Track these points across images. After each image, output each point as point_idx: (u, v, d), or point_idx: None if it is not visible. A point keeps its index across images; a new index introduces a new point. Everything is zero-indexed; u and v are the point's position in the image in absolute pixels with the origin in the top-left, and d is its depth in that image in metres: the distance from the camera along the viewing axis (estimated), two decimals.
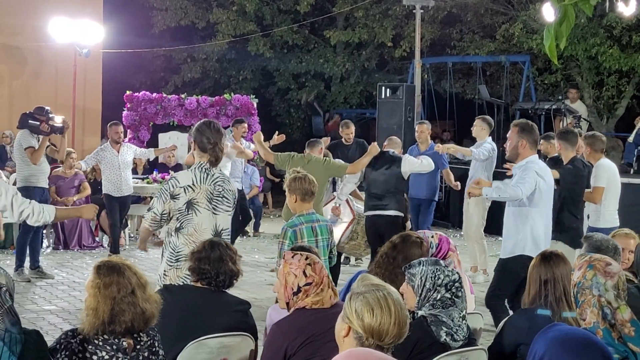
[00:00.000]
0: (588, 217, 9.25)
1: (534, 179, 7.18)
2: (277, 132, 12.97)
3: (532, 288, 4.92)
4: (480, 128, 11.88)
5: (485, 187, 7.41)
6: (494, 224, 12.28)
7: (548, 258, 4.94)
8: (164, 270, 6.11)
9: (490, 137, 11.95)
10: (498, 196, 7.33)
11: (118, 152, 12.50)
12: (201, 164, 6.18)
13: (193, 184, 6.05)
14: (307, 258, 4.72)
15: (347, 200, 10.40)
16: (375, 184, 9.92)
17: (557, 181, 8.48)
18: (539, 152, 8.14)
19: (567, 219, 8.69)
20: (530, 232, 7.28)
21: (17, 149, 10.86)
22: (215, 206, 6.13)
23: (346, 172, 9.59)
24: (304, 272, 4.64)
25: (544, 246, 7.17)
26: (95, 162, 12.86)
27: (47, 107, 10.89)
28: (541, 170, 7.30)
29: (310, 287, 4.63)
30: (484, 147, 11.67)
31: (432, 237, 5.92)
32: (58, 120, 11.04)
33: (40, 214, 5.97)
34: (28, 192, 9.86)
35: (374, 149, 9.84)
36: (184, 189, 6.03)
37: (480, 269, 11.82)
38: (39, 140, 10.73)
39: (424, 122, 12.77)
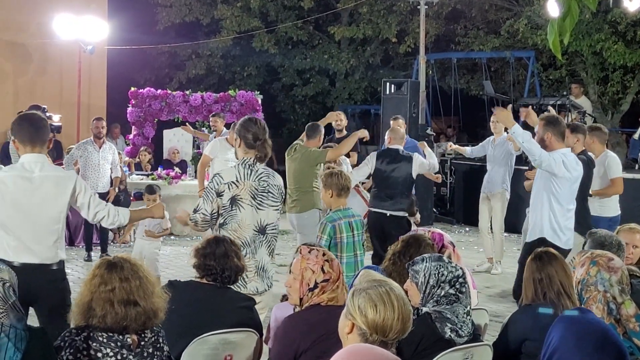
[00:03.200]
0: None
1: (559, 161, 7.32)
2: None
3: (528, 288, 4.92)
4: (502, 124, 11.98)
5: (517, 125, 7.45)
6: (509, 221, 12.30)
7: (539, 257, 4.93)
8: None
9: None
10: (522, 141, 7.36)
11: (100, 147, 12.21)
12: (245, 160, 6.12)
13: (237, 180, 6.00)
14: (324, 254, 4.73)
15: (357, 189, 10.37)
16: (385, 183, 9.87)
17: None
18: None
19: (584, 210, 8.72)
20: (549, 217, 7.47)
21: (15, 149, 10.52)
22: (260, 202, 6.07)
23: (327, 158, 9.51)
24: (322, 269, 4.64)
25: (563, 235, 7.46)
26: (74, 159, 12.39)
27: (43, 106, 10.57)
28: (569, 163, 7.42)
29: (327, 283, 4.63)
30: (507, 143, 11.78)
31: (425, 233, 5.94)
32: (56, 119, 10.79)
33: (116, 216, 5.95)
34: None
35: (362, 133, 9.80)
36: (228, 185, 5.98)
37: (496, 260, 11.87)
38: None
39: (399, 117, 12.70)
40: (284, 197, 6.36)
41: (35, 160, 5.59)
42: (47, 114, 10.40)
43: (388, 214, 9.77)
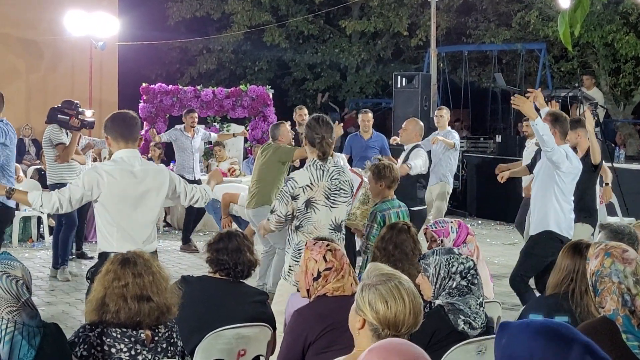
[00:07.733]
0: None
1: (564, 155, 7.39)
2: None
3: (557, 275, 4.85)
4: (447, 118, 12.07)
5: (539, 118, 7.40)
6: (508, 211, 12.28)
7: (579, 249, 4.84)
8: (289, 266, 6.11)
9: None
10: (542, 133, 7.32)
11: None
12: (315, 160, 6.14)
13: (311, 183, 6.03)
14: (328, 245, 4.77)
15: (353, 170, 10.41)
16: (412, 179, 9.83)
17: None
18: None
19: (591, 202, 8.71)
20: (554, 209, 7.54)
21: (47, 145, 10.36)
22: (334, 201, 6.12)
23: (294, 156, 9.54)
24: (324, 257, 4.70)
25: (565, 226, 7.56)
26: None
27: (76, 101, 10.47)
28: (572, 157, 7.52)
29: (330, 272, 4.66)
30: (455, 137, 11.88)
31: (452, 222, 6.03)
32: (89, 114, 10.69)
33: (205, 194, 6.18)
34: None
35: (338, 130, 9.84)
36: (303, 189, 6.01)
37: None
38: (68, 136, 10.34)
39: (368, 111, 12.75)
40: (353, 190, 6.43)
41: (132, 155, 5.78)
42: (80, 109, 10.33)
43: (418, 210, 9.75)
